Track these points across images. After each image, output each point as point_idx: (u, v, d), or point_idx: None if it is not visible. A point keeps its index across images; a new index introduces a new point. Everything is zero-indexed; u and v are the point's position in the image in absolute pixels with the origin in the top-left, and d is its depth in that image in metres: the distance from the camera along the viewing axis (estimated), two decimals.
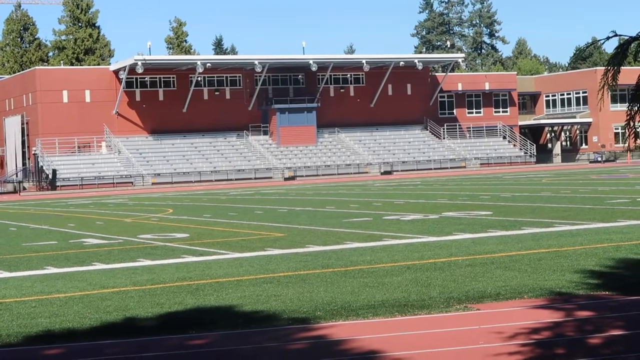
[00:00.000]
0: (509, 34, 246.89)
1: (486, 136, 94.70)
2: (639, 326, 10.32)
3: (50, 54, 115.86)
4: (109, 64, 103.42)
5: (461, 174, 72.98)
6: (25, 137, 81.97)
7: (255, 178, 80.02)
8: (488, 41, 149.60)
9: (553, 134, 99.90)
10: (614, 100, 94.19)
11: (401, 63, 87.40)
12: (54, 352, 10.19)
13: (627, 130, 9.80)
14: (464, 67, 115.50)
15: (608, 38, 10.11)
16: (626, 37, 10.14)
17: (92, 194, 64.48)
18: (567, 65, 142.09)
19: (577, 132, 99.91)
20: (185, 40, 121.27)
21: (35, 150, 78.88)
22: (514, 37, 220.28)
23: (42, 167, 77.27)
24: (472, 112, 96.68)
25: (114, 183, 76.00)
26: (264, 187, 64.34)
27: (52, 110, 79.66)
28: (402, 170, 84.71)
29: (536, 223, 23.38)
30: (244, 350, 9.85)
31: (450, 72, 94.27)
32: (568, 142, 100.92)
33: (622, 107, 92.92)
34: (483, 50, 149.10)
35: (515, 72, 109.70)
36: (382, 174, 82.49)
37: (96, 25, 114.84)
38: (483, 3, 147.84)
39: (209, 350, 9.95)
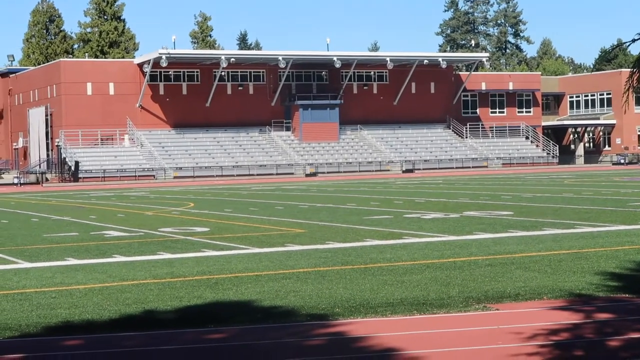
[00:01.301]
0: (534, 34, 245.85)
1: (509, 136, 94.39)
2: None
3: (75, 46, 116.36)
4: (134, 57, 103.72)
5: (483, 174, 72.78)
6: (49, 129, 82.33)
7: (277, 174, 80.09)
8: (513, 41, 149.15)
9: (576, 135, 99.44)
10: (637, 102, 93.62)
11: (425, 61, 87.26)
12: (72, 342, 10.24)
13: None
14: (488, 67, 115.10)
15: (634, 40, 10.04)
16: None
17: (114, 187, 64.75)
18: (592, 66, 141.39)
19: (601, 133, 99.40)
20: (210, 35, 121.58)
21: (58, 142, 79.22)
22: (539, 38, 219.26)
23: (65, 158, 77.60)
24: (495, 112, 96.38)
25: (136, 176, 76.26)
26: (285, 182, 64.40)
27: (76, 102, 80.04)
28: (423, 169, 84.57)
29: (557, 224, 23.28)
30: (262, 345, 9.86)
31: (474, 71, 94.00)
32: (591, 144, 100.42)
33: None
34: (507, 50, 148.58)
35: (540, 73, 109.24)
36: (403, 172, 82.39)
37: (121, 18, 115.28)
38: (508, 3, 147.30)
39: (227, 345, 9.97)
